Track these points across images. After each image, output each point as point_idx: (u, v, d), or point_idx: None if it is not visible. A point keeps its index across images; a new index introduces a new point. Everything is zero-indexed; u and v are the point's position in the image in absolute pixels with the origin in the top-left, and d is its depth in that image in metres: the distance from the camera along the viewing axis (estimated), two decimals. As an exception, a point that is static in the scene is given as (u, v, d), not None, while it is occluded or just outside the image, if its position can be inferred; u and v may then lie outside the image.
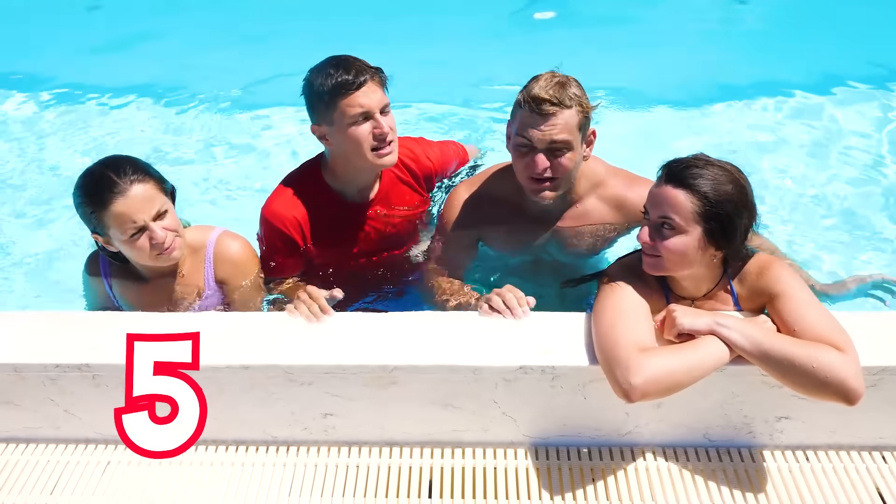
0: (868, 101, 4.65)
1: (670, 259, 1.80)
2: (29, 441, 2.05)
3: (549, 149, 2.07)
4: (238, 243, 2.32)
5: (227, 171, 4.03)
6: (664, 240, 1.79)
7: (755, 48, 5.54)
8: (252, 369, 1.87)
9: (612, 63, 4.99)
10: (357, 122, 2.18)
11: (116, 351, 1.89)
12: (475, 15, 5.95)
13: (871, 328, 1.88)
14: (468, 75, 4.88)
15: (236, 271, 2.30)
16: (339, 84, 2.14)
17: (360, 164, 2.28)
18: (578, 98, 2.06)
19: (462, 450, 2.00)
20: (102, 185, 2.02)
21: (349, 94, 2.14)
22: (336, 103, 2.16)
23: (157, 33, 5.76)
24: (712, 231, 1.76)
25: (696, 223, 1.75)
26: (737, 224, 1.77)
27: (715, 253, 1.81)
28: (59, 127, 4.63)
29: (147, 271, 2.25)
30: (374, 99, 2.18)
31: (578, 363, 1.84)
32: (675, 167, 1.80)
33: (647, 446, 1.98)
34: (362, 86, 2.16)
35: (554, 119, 2.03)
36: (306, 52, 2.49)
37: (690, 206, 1.74)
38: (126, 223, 2.02)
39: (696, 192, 1.74)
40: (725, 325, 1.72)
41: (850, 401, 1.63)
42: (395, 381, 1.88)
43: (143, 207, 2.03)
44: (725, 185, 1.75)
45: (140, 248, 2.07)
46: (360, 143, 2.20)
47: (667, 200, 1.77)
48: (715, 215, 1.74)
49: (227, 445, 2.03)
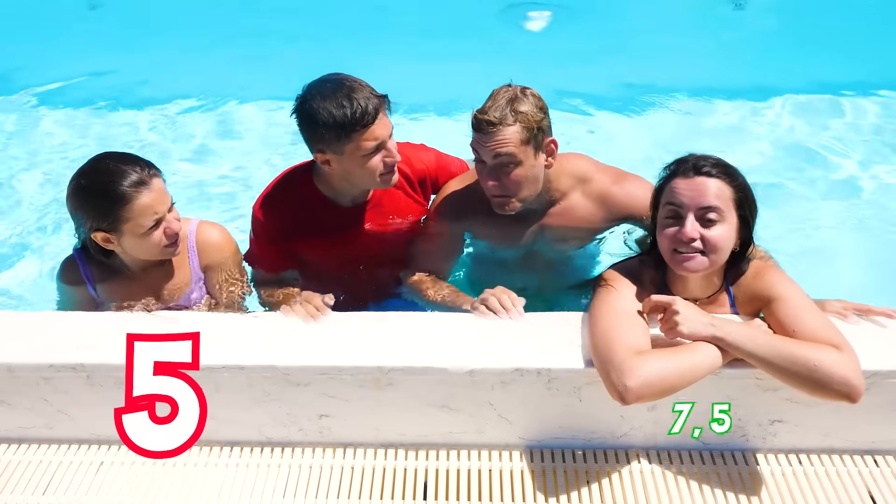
0: (862, 106, 4.69)
1: (714, 252, 1.78)
2: (22, 441, 2.04)
3: (495, 164, 2.11)
4: (217, 230, 2.36)
5: (213, 172, 4.04)
6: (712, 232, 1.76)
7: (751, 53, 5.58)
8: (248, 370, 1.87)
9: (603, 68, 5.01)
10: (371, 154, 2.16)
11: (110, 351, 1.89)
12: (466, 16, 5.98)
13: (863, 333, 1.90)
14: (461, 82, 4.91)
15: (219, 257, 2.33)
16: (355, 119, 2.07)
17: (364, 185, 2.30)
18: (522, 114, 2.08)
19: (457, 451, 2.00)
20: (124, 179, 2.02)
21: (366, 129, 2.10)
22: (350, 137, 2.11)
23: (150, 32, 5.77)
24: (744, 218, 1.79)
25: (734, 210, 1.77)
26: (755, 212, 1.81)
27: (737, 242, 1.82)
28: (47, 127, 4.63)
29: (135, 266, 2.24)
30: (386, 129, 2.15)
31: (574, 366, 1.84)
32: (696, 161, 1.80)
33: (642, 449, 1.99)
34: (375, 119, 2.10)
35: (495, 137, 2.08)
36: (299, 55, 2.50)
37: (729, 192, 1.76)
38: (148, 215, 2.04)
39: (730, 180, 1.77)
40: (728, 332, 1.71)
41: (852, 398, 1.64)
42: (391, 382, 1.88)
43: (163, 199, 2.08)
44: (739, 174, 1.80)
45: (154, 240, 2.09)
46: (372, 172, 2.20)
47: (708, 190, 1.75)
48: (744, 201, 1.78)
49: (222, 446, 2.02)
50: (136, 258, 2.20)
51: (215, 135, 4.47)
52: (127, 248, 2.14)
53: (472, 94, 2.24)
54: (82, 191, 2.07)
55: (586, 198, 2.32)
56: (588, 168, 2.34)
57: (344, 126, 2.08)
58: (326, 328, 1.96)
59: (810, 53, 5.46)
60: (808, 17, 5.99)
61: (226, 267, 2.35)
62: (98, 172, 2.07)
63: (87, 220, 2.08)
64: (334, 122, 2.08)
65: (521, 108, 2.08)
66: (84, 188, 2.06)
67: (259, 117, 4.62)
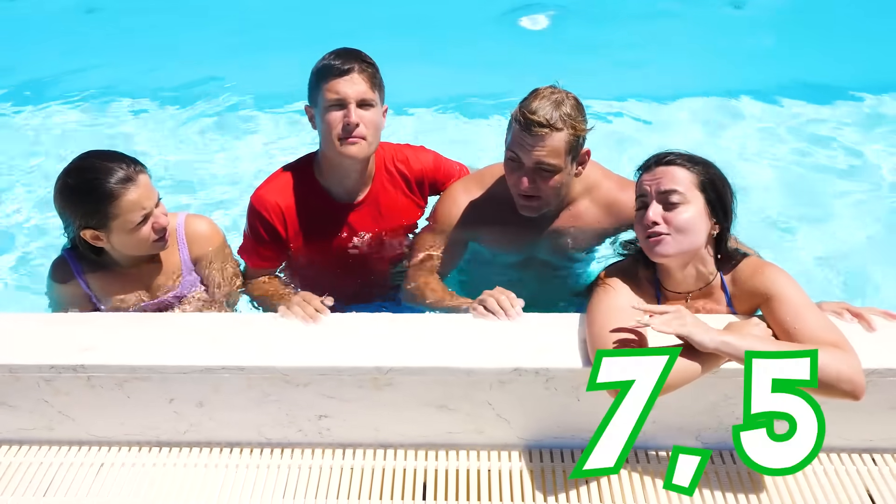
0: (864, 109, 4.69)
1: (681, 233, 1.81)
2: (22, 443, 2.04)
3: (535, 169, 2.10)
4: (205, 221, 2.41)
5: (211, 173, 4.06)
6: (673, 214, 1.81)
7: (750, 53, 5.58)
8: (247, 370, 1.88)
9: (601, 70, 5.02)
10: (332, 108, 2.21)
11: (111, 352, 1.90)
12: (469, 19, 5.99)
13: (860, 331, 1.91)
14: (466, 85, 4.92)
15: (209, 247, 2.38)
16: (326, 68, 2.20)
17: (330, 153, 2.30)
18: (571, 120, 2.07)
19: (456, 452, 2.01)
20: (110, 176, 2.04)
21: (331, 79, 2.19)
22: (320, 86, 2.21)
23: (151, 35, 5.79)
24: (711, 201, 1.83)
25: (698, 191, 1.83)
26: (727, 195, 1.85)
27: (713, 227, 1.86)
28: (45, 129, 4.65)
29: (125, 262, 2.26)
30: (354, 90, 2.20)
31: (572, 365, 1.85)
32: (660, 155, 1.89)
33: (641, 449, 1.99)
34: (345, 74, 2.19)
35: (543, 141, 2.06)
36: (297, 57, 2.51)
37: (691, 175, 1.83)
38: (136, 211, 2.07)
39: (691, 165, 1.83)
40: (733, 344, 1.69)
41: (857, 396, 1.66)
42: (390, 382, 1.89)
43: (150, 195, 2.12)
44: (706, 162, 1.88)
45: (143, 235, 2.12)
46: (329, 128, 2.22)
47: (667, 176, 1.83)
48: (711, 184, 1.83)
49: (222, 447, 2.03)
50: (126, 254, 2.22)
51: (209, 133, 4.50)
52: (116, 244, 2.16)
53: (469, 93, 2.24)
54: (69, 189, 2.08)
55: (594, 204, 2.34)
56: (596, 175, 2.35)
57: (317, 73, 2.24)
58: (325, 329, 1.97)
59: (809, 53, 5.46)
60: (807, 17, 5.99)
61: (217, 257, 2.40)
62: (84, 170, 2.08)
63: (76, 218, 2.10)
64: (314, 70, 2.24)
65: (570, 115, 2.07)
66: (71, 187, 2.08)
67: (255, 116, 4.65)
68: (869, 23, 5.77)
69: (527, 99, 2.11)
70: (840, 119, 4.52)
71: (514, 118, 2.11)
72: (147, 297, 2.32)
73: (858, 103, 4.71)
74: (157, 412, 1.97)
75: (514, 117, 2.11)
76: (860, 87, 4.83)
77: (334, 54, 2.24)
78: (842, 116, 4.55)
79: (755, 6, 6.24)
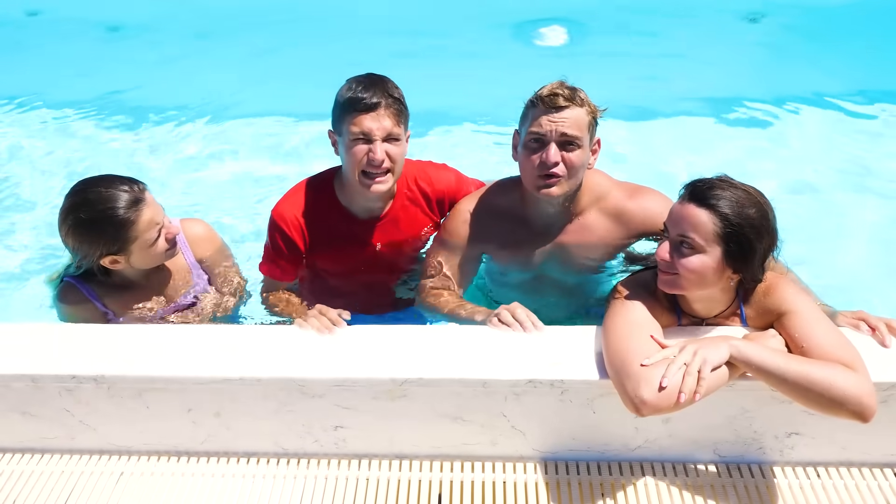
0: (879, 119, 4.66)
1: (687, 278, 1.79)
2: (44, 451, 2.08)
3: (560, 142, 2.11)
4: (201, 224, 2.49)
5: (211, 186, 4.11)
6: (682, 258, 1.78)
7: (767, 66, 5.57)
8: (264, 381, 1.90)
9: (618, 83, 5.04)
10: (357, 142, 2.21)
11: (131, 363, 1.93)
12: (480, 37, 6.04)
13: (879, 345, 1.88)
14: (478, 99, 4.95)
15: (210, 246, 2.48)
16: (353, 100, 2.17)
17: (352, 183, 2.32)
18: (588, 101, 2.13)
19: (471, 463, 2.01)
20: (121, 203, 2.08)
21: (357, 114, 2.18)
22: (345, 117, 2.20)
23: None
24: (731, 253, 1.74)
25: (716, 244, 1.74)
26: (756, 248, 1.75)
27: (732, 276, 1.80)
28: (63, 141, 4.75)
29: (137, 276, 2.30)
30: (380, 126, 2.18)
31: (588, 377, 1.85)
32: (699, 186, 1.79)
33: (657, 461, 1.98)
34: (372, 109, 2.17)
35: (567, 112, 2.09)
36: (307, 71, 2.54)
37: (712, 226, 1.73)
38: (153, 228, 2.14)
39: (717, 213, 1.73)
40: (739, 348, 1.70)
41: (864, 418, 1.63)
42: (405, 394, 1.89)
43: (159, 209, 2.19)
44: (748, 207, 1.74)
45: (159, 248, 2.18)
46: (352, 163, 2.24)
47: (688, 219, 1.76)
48: (735, 237, 1.73)
49: (239, 457, 2.05)
50: (139, 269, 2.26)
51: (213, 147, 4.58)
52: (135, 262, 2.20)
53: (484, 109, 2.26)
54: (85, 224, 2.08)
55: (603, 215, 2.32)
56: (604, 184, 2.34)
57: (343, 104, 2.20)
58: (341, 340, 1.98)
59: (825, 65, 5.44)
60: (823, 29, 5.97)
61: (221, 256, 2.50)
62: (93, 203, 2.07)
63: (97, 249, 2.12)
64: (340, 99, 2.22)
65: (584, 96, 2.13)
66: (85, 221, 2.08)
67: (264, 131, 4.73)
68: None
69: (539, 90, 2.14)
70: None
71: (532, 103, 2.14)
72: (164, 304, 2.36)
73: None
74: (175, 422, 1.99)
75: (532, 103, 2.14)
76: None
77: (361, 85, 2.20)
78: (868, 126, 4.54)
79: (771, 20, 6.23)
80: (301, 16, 6.24)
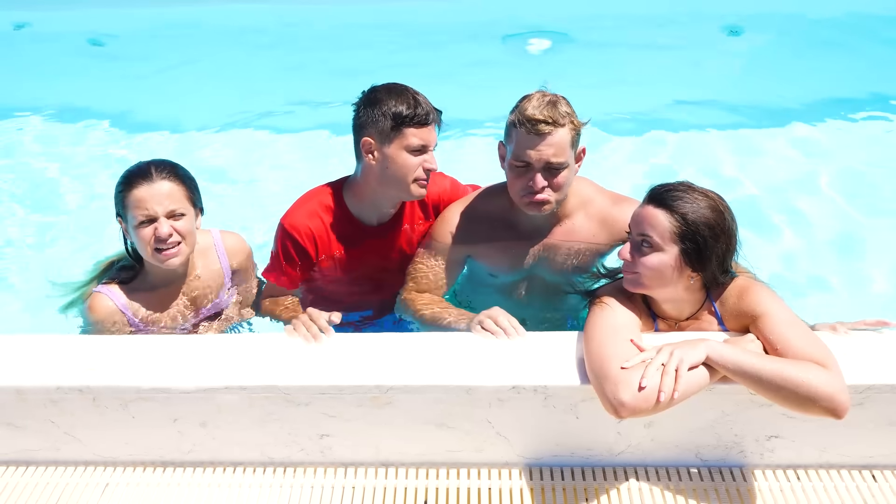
0: (864, 130, 4.75)
1: (647, 276, 1.87)
2: (29, 463, 2.07)
3: (545, 168, 2.15)
4: (237, 236, 2.60)
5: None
6: (642, 257, 1.86)
7: (748, 79, 5.66)
8: (249, 390, 1.91)
9: (599, 95, 5.11)
10: (414, 152, 2.30)
11: (116, 373, 1.93)
12: (470, 46, 6.11)
13: (856, 347, 1.92)
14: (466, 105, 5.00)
15: (244, 258, 2.58)
16: (415, 114, 2.27)
17: (394, 189, 2.38)
18: (570, 116, 2.15)
19: (457, 470, 2.02)
20: (136, 172, 2.20)
21: (420, 127, 2.28)
22: (402, 129, 2.28)
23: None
24: (688, 252, 1.83)
25: (673, 243, 1.83)
26: (712, 248, 1.83)
27: (692, 275, 1.87)
28: (61, 149, 4.75)
29: (163, 275, 2.34)
30: (433, 137, 2.35)
31: (570, 382, 1.87)
32: (659, 190, 1.89)
33: (640, 466, 2.01)
34: (431, 123, 2.32)
35: (549, 139, 2.11)
36: (309, 84, 2.59)
37: (668, 225, 1.83)
38: (140, 209, 2.16)
39: (674, 213, 1.83)
40: (714, 349, 1.73)
41: (837, 415, 1.66)
42: (390, 401, 1.91)
43: (161, 201, 2.18)
44: (704, 209, 1.83)
45: (143, 237, 2.20)
46: (408, 170, 2.32)
47: (647, 219, 1.86)
48: (691, 236, 1.82)
49: (225, 467, 2.05)
50: (160, 270, 2.30)
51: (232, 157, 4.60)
52: (134, 241, 2.25)
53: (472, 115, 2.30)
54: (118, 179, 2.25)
55: (588, 219, 2.37)
56: (590, 190, 2.40)
57: (403, 118, 2.27)
58: (326, 347, 2.00)
59: (805, 77, 5.54)
60: (803, 41, 6.08)
61: (251, 267, 2.63)
62: (134, 165, 2.26)
63: (115, 202, 2.25)
64: (394, 112, 2.28)
65: (567, 112, 2.14)
66: (120, 177, 2.26)
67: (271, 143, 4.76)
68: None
69: (521, 104, 2.16)
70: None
71: (515, 123, 2.16)
72: (191, 312, 2.42)
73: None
74: (161, 432, 1.99)
75: (515, 123, 2.16)
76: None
77: (414, 99, 2.29)
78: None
79: (752, 33, 6.35)
80: (299, 27, 6.31)
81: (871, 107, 4.99)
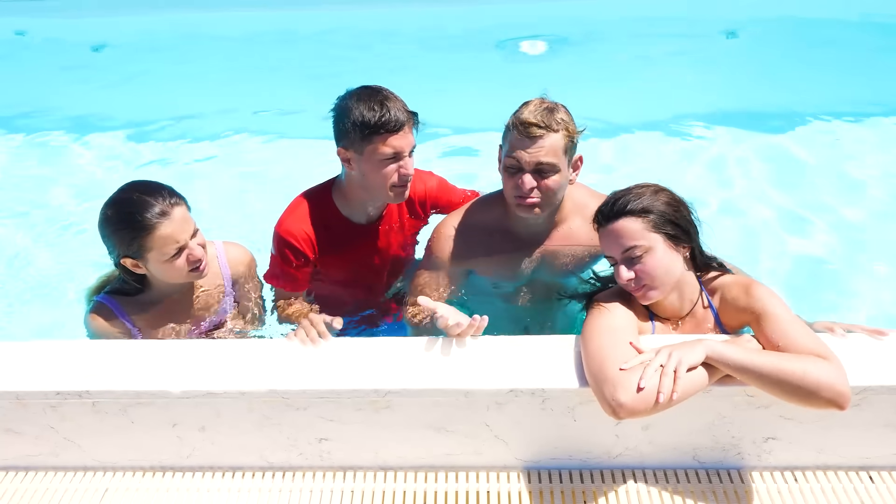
0: (857, 132, 4.76)
1: (656, 278, 1.88)
2: (28, 469, 2.07)
3: (536, 170, 2.16)
4: (241, 247, 2.58)
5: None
6: (640, 266, 1.88)
7: (744, 81, 5.68)
8: (248, 395, 1.91)
9: (595, 98, 5.14)
10: (387, 161, 2.29)
11: (116, 378, 1.94)
12: (465, 52, 6.13)
13: (853, 349, 1.93)
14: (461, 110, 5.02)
15: (246, 269, 2.56)
16: (381, 123, 2.23)
17: (375, 196, 2.42)
18: (565, 123, 2.16)
19: (455, 473, 2.03)
20: (146, 210, 2.11)
21: (387, 135, 2.25)
22: (372, 139, 2.25)
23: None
24: (671, 234, 1.89)
25: (654, 234, 1.87)
26: (682, 215, 1.91)
27: (684, 251, 1.92)
28: (55, 160, 4.76)
29: (168, 288, 2.33)
30: (407, 142, 2.30)
31: (568, 385, 1.88)
32: (604, 209, 1.95)
33: (638, 468, 2.01)
34: (400, 129, 2.26)
35: (541, 142, 2.13)
36: (301, 87, 2.59)
37: (641, 225, 1.88)
38: (169, 244, 2.13)
39: (637, 213, 1.88)
40: (714, 348, 1.75)
41: (840, 405, 1.67)
42: (389, 405, 1.92)
43: (184, 228, 2.16)
44: (651, 195, 1.91)
45: (178, 267, 2.18)
46: (384, 180, 2.33)
47: (621, 234, 1.90)
48: (663, 219, 1.88)
49: (224, 472, 2.06)
50: (168, 284, 2.30)
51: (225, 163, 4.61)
52: (153, 272, 2.23)
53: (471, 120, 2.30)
54: (109, 221, 2.16)
55: (585, 222, 2.37)
56: (585, 196, 2.41)
57: (369, 126, 2.23)
58: (324, 352, 2.01)
59: (802, 79, 5.55)
60: (800, 44, 6.10)
61: (252, 277, 2.59)
62: (123, 203, 2.15)
63: (116, 247, 2.19)
64: (362, 121, 2.23)
65: (563, 119, 2.16)
66: (110, 219, 2.16)
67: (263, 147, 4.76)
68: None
69: (519, 109, 2.19)
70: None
71: (511, 126, 2.18)
72: (193, 323, 2.41)
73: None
74: (160, 437, 2.00)
75: (510, 125, 2.19)
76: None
77: (381, 104, 2.23)
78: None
79: (748, 35, 6.37)
80: (296, 34, 6.33)
81: (871, 108, 5.00)
